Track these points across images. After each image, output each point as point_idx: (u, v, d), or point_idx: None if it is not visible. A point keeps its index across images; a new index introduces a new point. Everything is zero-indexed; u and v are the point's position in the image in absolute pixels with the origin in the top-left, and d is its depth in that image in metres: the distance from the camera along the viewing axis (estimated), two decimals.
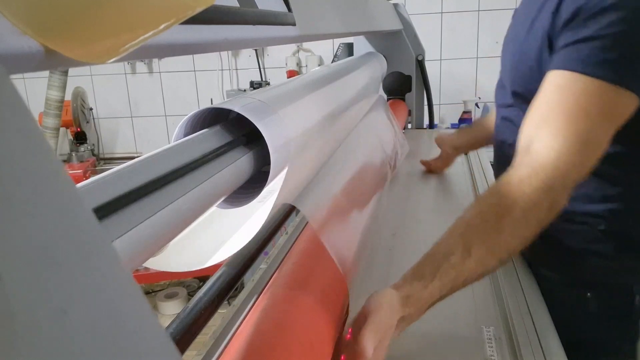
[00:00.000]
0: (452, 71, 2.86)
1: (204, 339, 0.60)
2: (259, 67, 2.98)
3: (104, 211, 0.27)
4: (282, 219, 0.74)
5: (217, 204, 0.45)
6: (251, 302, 0.65)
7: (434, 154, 1.27)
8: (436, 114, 2.27)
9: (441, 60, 2.85)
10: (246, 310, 0.64)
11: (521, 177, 0.59)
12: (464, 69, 2.86)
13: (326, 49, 2.92)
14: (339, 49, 2.70)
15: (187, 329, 0.46)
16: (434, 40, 2.80)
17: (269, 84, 2.96)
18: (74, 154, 2.63)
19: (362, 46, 1.66)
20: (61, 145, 2.73)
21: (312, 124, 0.59)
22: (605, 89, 0.59)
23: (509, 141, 0.82)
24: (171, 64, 3.00)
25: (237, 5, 0.43)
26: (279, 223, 0.72)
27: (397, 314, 0.52)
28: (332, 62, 2.66)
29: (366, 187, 0.86)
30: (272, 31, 0.50)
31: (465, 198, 1.11)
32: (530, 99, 0.67)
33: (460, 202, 1.10)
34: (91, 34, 0.21)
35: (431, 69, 1.92)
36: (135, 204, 0.30)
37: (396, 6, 1.70)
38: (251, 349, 0.45)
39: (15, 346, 0.11)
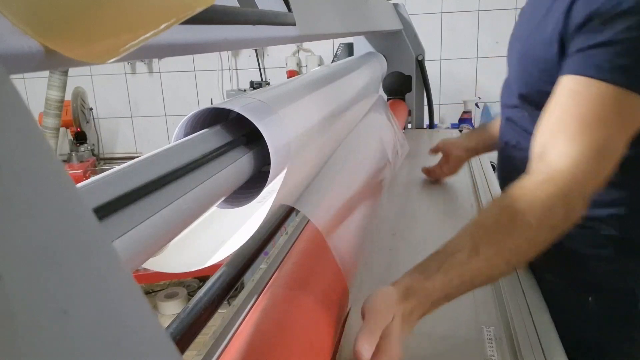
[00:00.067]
0: (452, 71, 2.86)
1: (204, 339, 0.59)
2: (259, 67, 2.98)
3: (104, 211, 0.27)
4: (282, 219, 0.74)
5: (217, 204, 0.45)
6: (251, 302, 0.65)
7: (434, 155, 1.25)
8: (436, 114, 2.27)
9: (441, 60, 2.85)
10: (246, 310, 0.64)
11: (536, 183, 0.58)
12: (464, 69, 2.86)
13: (326, 49, 2.92)
14: (339, 49, 2.70)
15: (187, 329, 0.46)
16: (434, 40, 2.80)
17: (269, 84, 2.96)
18: (74, 154, 2.63)
19: (362, 46, 1.66)
20: (61, 145, 2.73)
21: (312, 124, 0.59)
22: (620, 94, 0.59)
23: (512, 142, 0.82)
24: (171, 64, 3.00)
25: (237, 5, 0.43)
26: (279, 223, 0.72)
27: (395, 310, 0.51)
28: (332, 62, 2.66)
29: (366, 187, 0.86)
30: (272, 31, 0.50)
31: (466, 198, 1.10)
32: (537, 101, 0.66)
33: (460, 202, 1.10)
34: (91, 34, 0.21)
35: (431, 69, 1.92)
36: (135, 204, 0.30)
37: (396, 6, 1.70)
38: (251, 349, 0.45)
39: (15, 346, 0.11)
